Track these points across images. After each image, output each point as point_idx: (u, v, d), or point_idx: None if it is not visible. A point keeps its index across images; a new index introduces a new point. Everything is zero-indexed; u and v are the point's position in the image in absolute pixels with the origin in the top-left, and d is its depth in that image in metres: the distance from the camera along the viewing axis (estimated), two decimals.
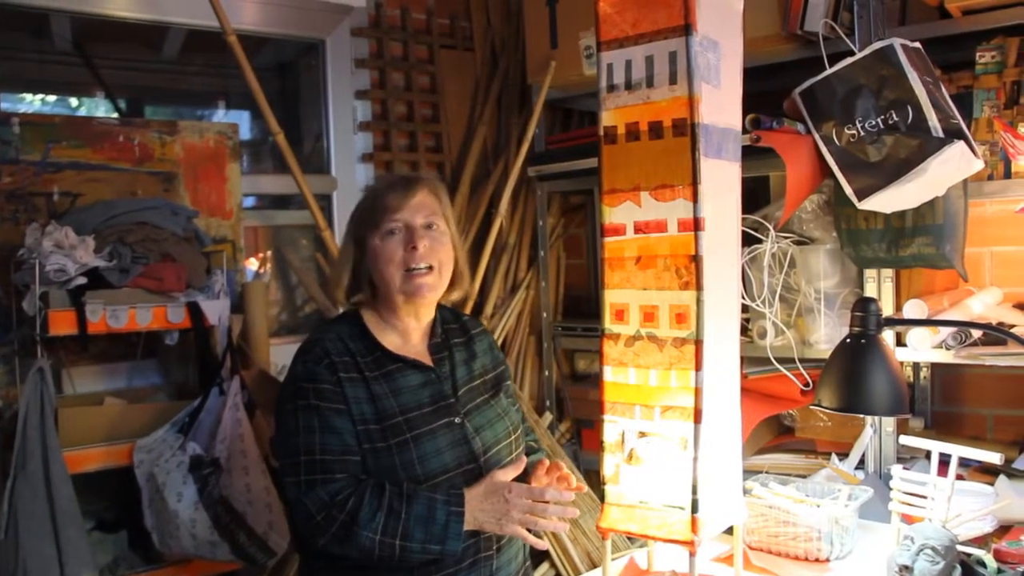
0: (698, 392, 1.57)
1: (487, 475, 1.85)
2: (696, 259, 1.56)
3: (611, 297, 1.67)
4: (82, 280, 2.45)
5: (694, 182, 1.54)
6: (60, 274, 2.41)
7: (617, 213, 1.65)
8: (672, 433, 1.60)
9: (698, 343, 1.56)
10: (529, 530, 1.81)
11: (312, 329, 2.11)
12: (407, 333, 1.94)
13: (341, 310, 2.03)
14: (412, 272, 1.86)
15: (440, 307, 2.02)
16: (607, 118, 1.65)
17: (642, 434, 1.64)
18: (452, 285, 1.99)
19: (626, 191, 1.63)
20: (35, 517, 2.29)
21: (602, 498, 1.70)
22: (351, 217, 1.97)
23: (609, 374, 1.68)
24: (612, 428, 1.68)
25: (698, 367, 1.57)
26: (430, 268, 1.88)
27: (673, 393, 1.60)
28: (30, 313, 2.42)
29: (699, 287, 1.56)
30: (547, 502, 1.78)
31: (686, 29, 1.54)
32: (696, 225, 1.55)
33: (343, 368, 1.81)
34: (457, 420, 1.88)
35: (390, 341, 1.91)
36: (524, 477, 1.88)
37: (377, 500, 1.72)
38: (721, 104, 1.64)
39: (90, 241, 2.49)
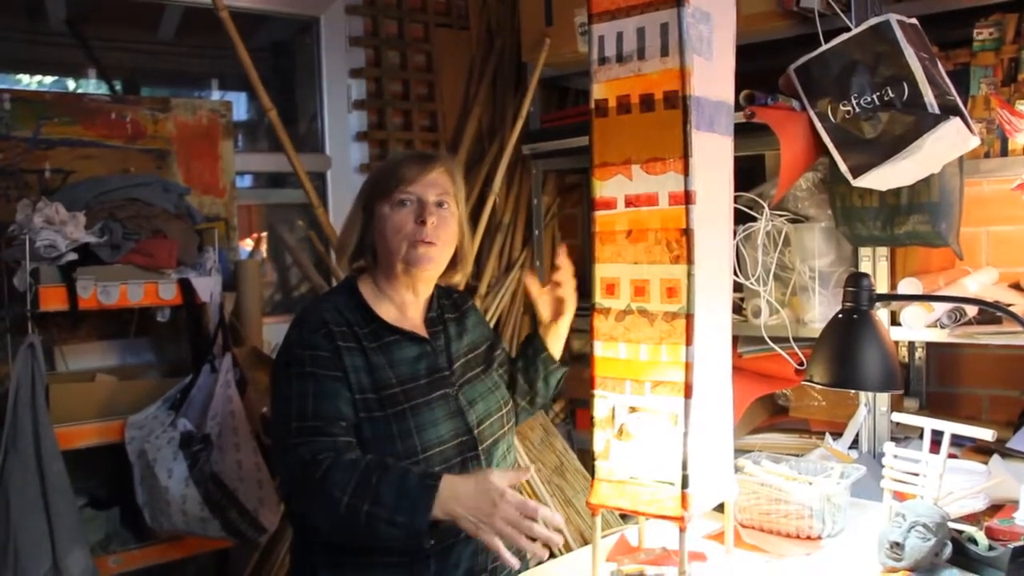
0: (689, 367, 1.56)
1: (493, 459, 1.87)
2: (687, 233, 1.55)
3: (602, 271, 1.66)
4: (73, 256, 2.44)
5: (685, 155, 1.53)
6: (51, 250, 2.40)
7: (608, 187, 1.63)
8: (662, 408, 1.60)
9: (689, 317, 1.55)
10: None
11: (307, 301, 2.10)
12: (404, 306, 1.94)
13: (335, 281, 2.03)
14: (417, 242, 1.86)
15: (436, 285, 2.02)
16: (598, 91, 1.64)
17: (632, 409, 1.63)
18: (454, 267, 2.00)
19: (617, 164, 1.62)
20: (26, 493, 2.28)
21: (593, 474, 1.70)
22: (364, 185, 1.98)
23: (599, 349, 1.67)
24: (602, 403, 1.67)
25: (689, 342, 1.56)
26: (432, 243, 1.88)
27: (664, 368, 1.59)
28: (21, 289, 2.41)
29: (690, 261, 1.55)
30: (535, 519, 1.61)
31: (678, 0, 1.52)
32: (687, 198, 1.54)
33: (341, 337, 1.81)
34: (452, 392, 1.89)
35: (386, 312, 1.91)
36: None
37: (352, 464, 1.68)
38: (713, 77, 1.62)
39: (81, 217, 2.48)
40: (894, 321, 2.44)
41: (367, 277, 1.95)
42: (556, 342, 2.15)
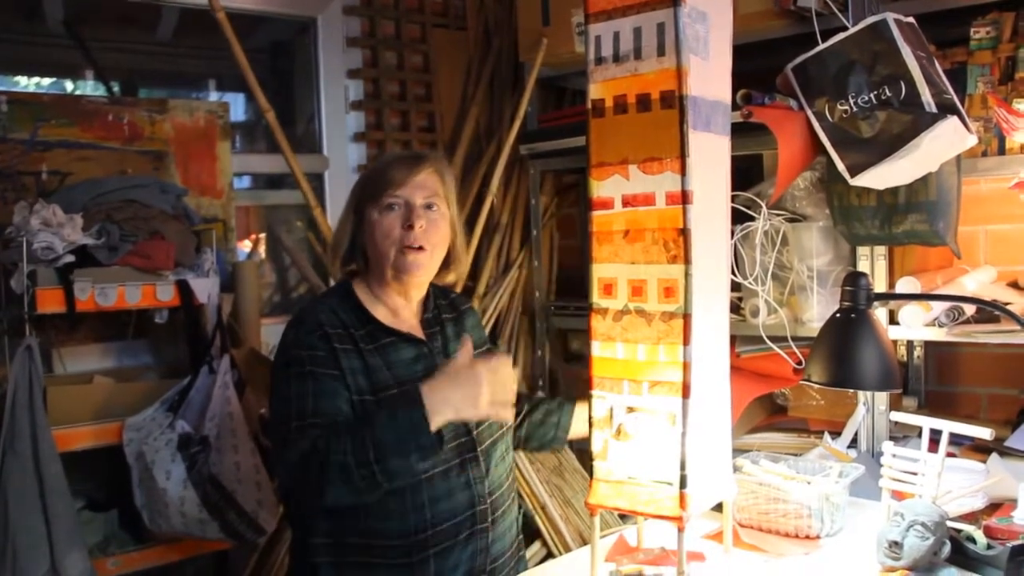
0: (686, 367, 1.55)
1: (492, 461, 1.89)
2: (684, 232, 1.54)
3: (599, 271, 1.65)
4: (70, 258, 2.43)
5: (682, 155, 1.53)
6: (48, 252, 2.40)
7: (605, 187, 1.63)
8: (660, 408, 1.59)
9: (686, 317, 1.55)
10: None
11: (303, 302, 2.10)
12: (396, 310, 1.94)
13: (332, 283, 2.03)
14: (405, 249, 1.86)
15: (431, 284, 2.02)
16: (595, 91, 1.63)
17: (630, 409, 1.63)
18: (447, 267, 2.00)
19: (614, 164, 1.61)
20: (24, 495, 2.28)
21: (591, 474, 1.70)
22: (354, 187, 1.97)
23: (597, 349, 1.66)
24: (600, 404, 1.67)
25: (686, 341, 1.55)
26: (422, 248, 1.87)
27: (661, 368, 1.59)
28: (18, 291, 2.40)
29: (687, 261, 1.54)
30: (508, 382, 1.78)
31: (674, 0, 1.52)
32: (684, 198, 1.54)
33: (337, 339, 1.81)
34: None
35: (382, 314, 1.91)
36: None
37: (337, 428, 1.71)
38: (710, 76, 1.62)
39: (78, 219, 2.48)
40: (892, 320, 2.43)
41: (361, 280, 1.95)
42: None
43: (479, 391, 1.71)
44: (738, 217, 2.49)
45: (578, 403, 2.13)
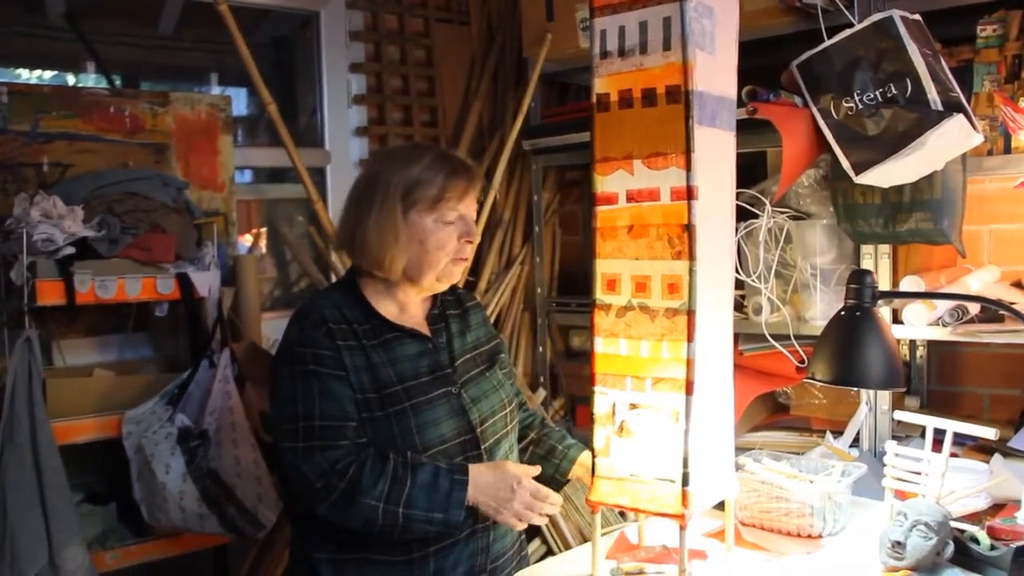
0: (690, 363, 1.55)
1: (495, 460, 1.89)
2: (689, 228, 1.53)
3: (603, 267, 1.65)
4: (70, 250, 2.42)
5: (687, 150, 1.52)
6: (48, 244, 2.39)
7: (609, 182, 1.62)
8: (663, 405, 1.58)
9: (690, 314, 1.54)
10: None
11: (306, 297, 2.08)
12: (406, 304, 1.93)
13: (334, 278, 2.02)
14: (456, 260, 1.88)
15: None
16: (600, 85, 1.62)
17: (633, 406, 1.62)
18: None
19: (619, 159, 1.61)
20: (23, 488, 2.27)
21: (593, 471, 1.69)
22: (388, 187, 1.85)
23: (600, 345, 1.66)
24: (603, 400, 1.66)
25: (690, 338, 1.55)
26: (466, 258, 1.92)
27: (665, 364, 1.58)
28: (18, 283, 2.39)
29: (692, 257, 1.53)
30: (546, 502, 1.82)
31: None
32: (689, 194, 1.53)
33: (340, 336, 1.81)
34: (454, 390, 1.88)
35: (387, 310, 1.90)
36: None
37: (380, 468, 1.72)
38: (716, 72, 1.61)
39: (79, 211, 2.47)
40: (896, 319, 2.42)
41: (370, 275, 1.92)
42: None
43: (508, 500, 1.78)
44: (742, 214, 2.47)
45: (584, 451, 2.07)
